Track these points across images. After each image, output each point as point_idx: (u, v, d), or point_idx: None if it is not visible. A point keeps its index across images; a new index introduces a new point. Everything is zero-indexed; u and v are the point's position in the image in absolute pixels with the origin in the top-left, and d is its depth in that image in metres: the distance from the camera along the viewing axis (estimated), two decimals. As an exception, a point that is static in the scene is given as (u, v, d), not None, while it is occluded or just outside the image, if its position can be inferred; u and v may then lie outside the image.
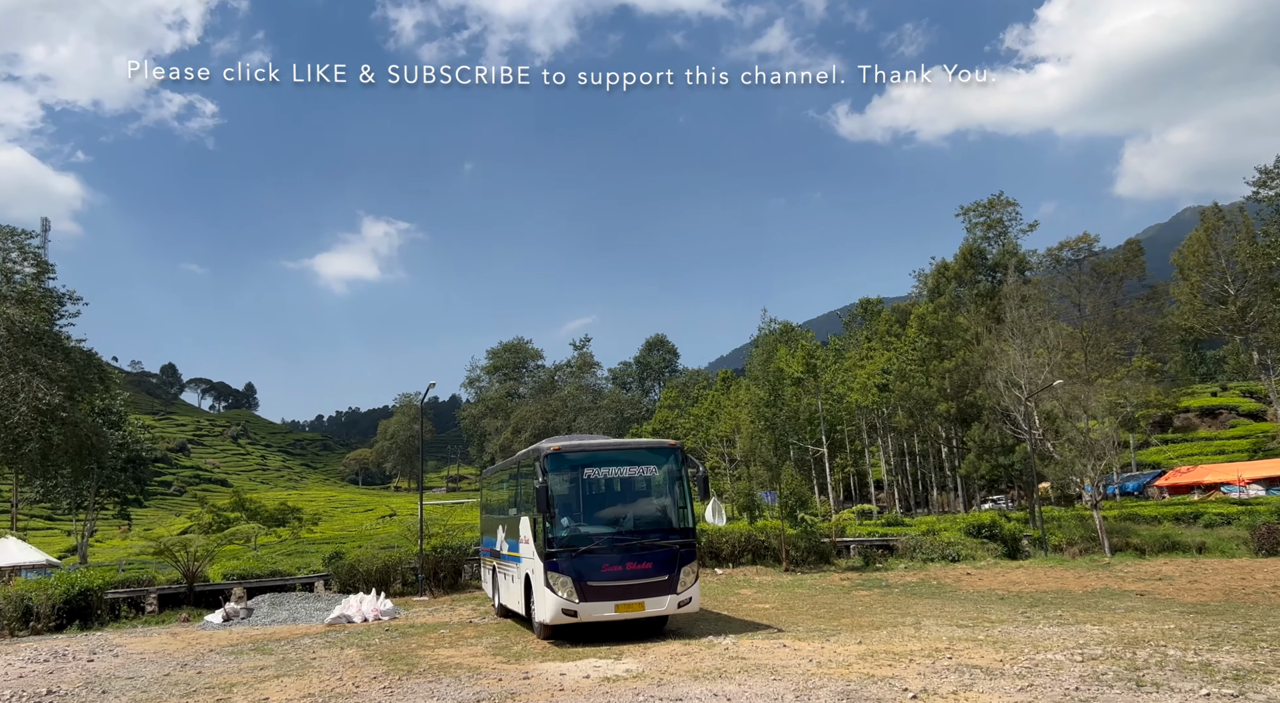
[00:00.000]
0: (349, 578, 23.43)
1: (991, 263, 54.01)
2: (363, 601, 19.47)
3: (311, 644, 15.37)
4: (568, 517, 13.79)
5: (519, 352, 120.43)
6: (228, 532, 26.17)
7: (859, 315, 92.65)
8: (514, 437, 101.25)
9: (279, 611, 19.86)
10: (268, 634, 17.30)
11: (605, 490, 14.39)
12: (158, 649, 15.74)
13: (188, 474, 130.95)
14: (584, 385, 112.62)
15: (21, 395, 39.17)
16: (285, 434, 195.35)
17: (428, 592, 23.55)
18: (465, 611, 19.98)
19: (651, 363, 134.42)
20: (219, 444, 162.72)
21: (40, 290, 43.09)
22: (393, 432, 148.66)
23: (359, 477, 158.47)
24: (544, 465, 13.77)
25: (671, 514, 14.29)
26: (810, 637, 13.33)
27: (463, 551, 24.90)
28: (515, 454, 17.24)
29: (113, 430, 59.31)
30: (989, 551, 27.62)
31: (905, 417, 49.76)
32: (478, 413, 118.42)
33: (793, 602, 18.78)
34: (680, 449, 14.56)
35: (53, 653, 15.63)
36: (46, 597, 19.22)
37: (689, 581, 13.84)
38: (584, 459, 14.09)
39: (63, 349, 43.05)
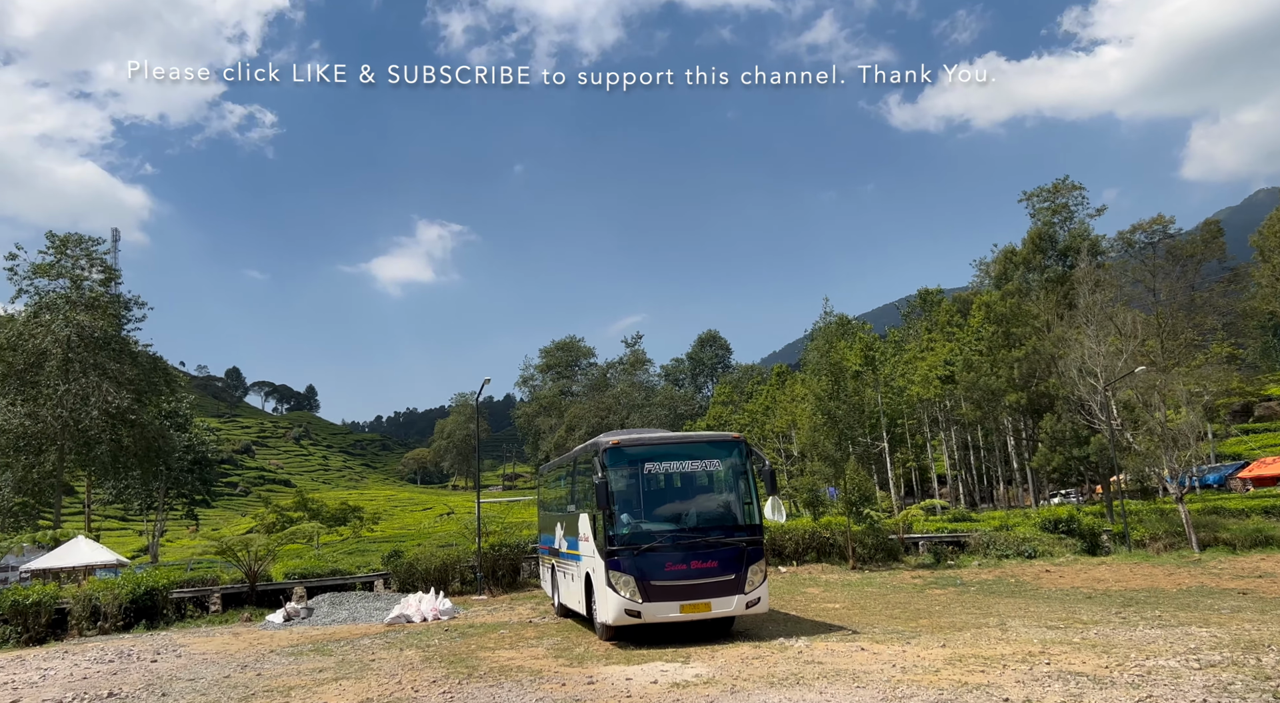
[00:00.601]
0: (408, 577, 23.28)
1: (1062, 247, 51.89)
2: (421, 600, 19.23)
3: (371, 645, 15.11)
4: (628, 513, 13.23)
5: (571, 350, 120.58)
6: (287, 531, 26.27)
7: (917, 307, 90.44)
8: (568, 435, 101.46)
9: (339, 610, 19.74)
10: (328, 634, 17.13)
11: (667, 486, 13.80)
12: (219, 650, 15.66)
13: (253, 475, 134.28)
14: (636, 383, 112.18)
15: (93, 399, 40.24)
16: (345, 435, 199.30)
17: (486, 590, 23.27)
18: (524, 610, 19.61)
19: (704, 359, 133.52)
20: (282, 445, 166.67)
21: (108, 296, 44.22)
22: (449, 431, 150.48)
23: (417, 476, 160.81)
24: (603, 460, 13.23)
25: (737, 511, 13.62)
26: (889, 639, 12.54)
27: (520, 548, 24.58)
28: (572, 450, 16.76)
29: (179, 433, 60.89)
30: (1067, 546, 26.30)
31: (972, 409, 48.10)
32: (532, 411, 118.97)
33: (863, 601, 17.95)
34: (745, 443, 13.88)
35: (118, 653, 15.66)
36: (114, 597, 19.40)
37: (757, 580, 13.17)
38: (644, 453, 13.50)
39: (130, 353, 44.15)
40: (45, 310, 41.91)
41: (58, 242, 43.02)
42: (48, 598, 19.04)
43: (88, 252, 43.75)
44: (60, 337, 40.08)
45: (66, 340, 40.25)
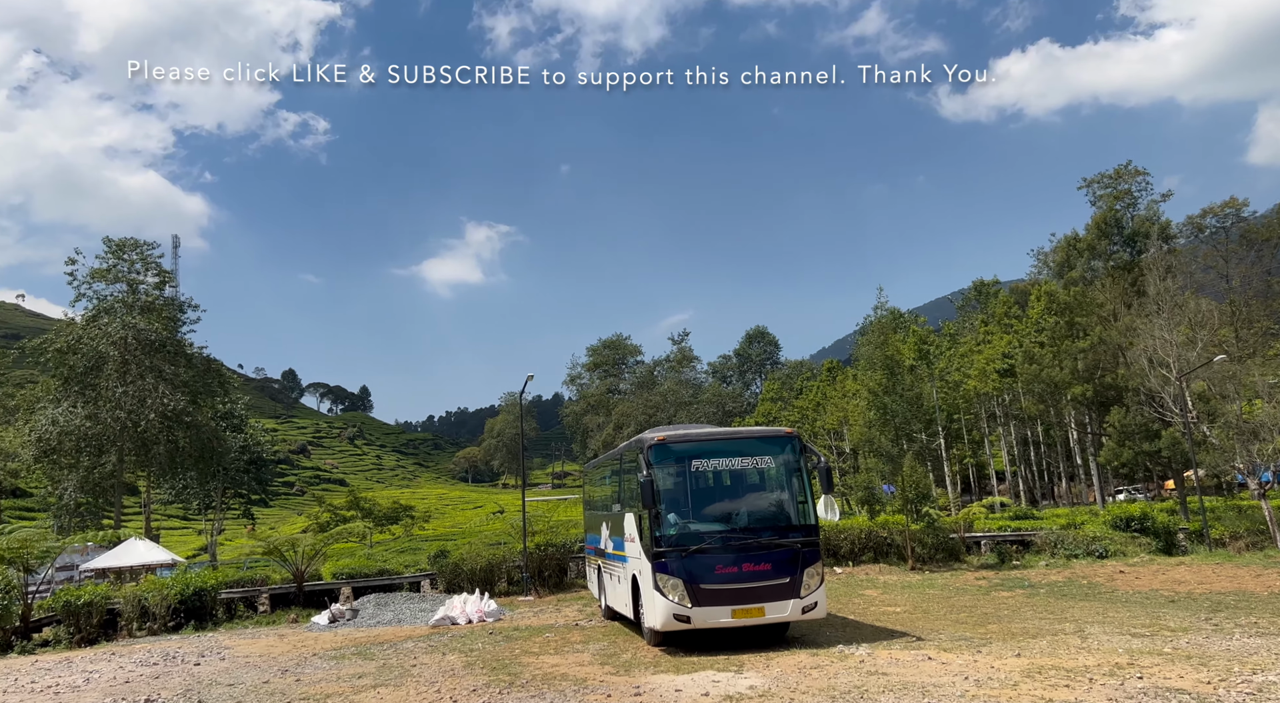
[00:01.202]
0: (453, 577, 22.97)
1: (1129, 232, 49.67)
2: (466, 601, 18.84)
3: (413, 649, 14.72)
4: (675, 513, 12.59)
5: (618, 348, 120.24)
6: (333, 531, 26.16)
7: (973, 299, 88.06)
8: (616, 433, 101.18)
9: (384, 612, 19.47)
10: (372, 637, 16.83)
11: (716, 484, 13.12)
12: (263, 653, 15.44)
13: (308, 475, 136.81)
14: (683, 380, 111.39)
15: (149, 401, 40.92)
16: (398, 435, 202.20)
17: (533, 591, 22.84)
18: (571, 612, 19.10)
19: (752, 355, 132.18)
20: (337, 445, 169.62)
21: (162, 299, 45.01)
22: (499, 430, 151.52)
23: (469, 474, 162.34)
24: (648, 457, 12.61)
25: (790, 510, 12.88)
26: (957, 647, 11.69)
27: (567, 548, 24.10)
28: (617, 447, 16.17)
29: (234, 434, 61.97)
30: (1141, 546, 24.89)
31: (1034, 402, 46.30)
32: (579, 410, 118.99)
33: (926, 604, 17.04)
34: (798, 438, 13.13)
35: (164, 655, 15.54)
36: (162, 598, 19.39)
37: (813, 583, 12.41)
38: (692, 450, 12.84)
39: (185, 356, 44.86)
40: (103, 314, 42.78)
41: (114, 246, 43.89)
42: (99, 598, 19.10)
43: (143, 256, 44.54)
44: (117, 339, 40.85)
45: (123, 343, 41.01)
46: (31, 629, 19.39)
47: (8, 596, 18.24)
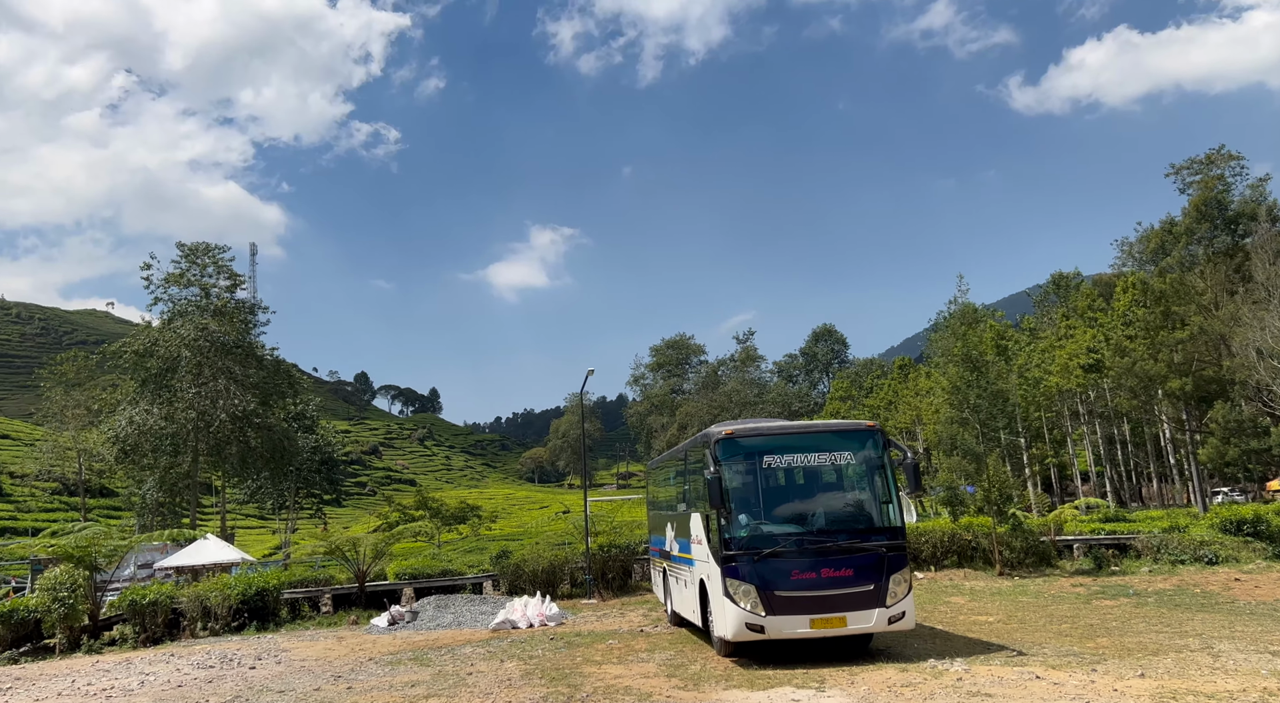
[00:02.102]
0: (515, 578, 22.35)
1: (1231, 214, 46.45)
2: (527, 604, 18.16)
3: (471, 655, 14.06)
4: (746, 513, 11.61)
5: (682, 348, 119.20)
6: (395, 531, 25.82)
7: (1051, 292, 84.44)
8: (680, 433, 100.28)
9: (444, 614, 18.93)
10: (430, 640, 16.26)
11: (791, 482, 12.08)
12: (319, 656, 14.98)
13: (380, 476, 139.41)
14: (748, 380, 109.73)
15: (220, 402, 41.65)
16: (467, 436, 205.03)
17: (596, 594, 22.07)
18: (635, 617, 18.24)
19: (818, 354, 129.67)
20: (407, 446, 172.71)
21: (233, 302, 45.82)
22: (564, 430, 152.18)
23: (535, 475, 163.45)
24: (715, 453, 11.66)
25: (874, 510, 11.77)
26: (1067, 664, 10.42)
27: (631, 550, 23.26)
28: (682, 443, 15.25)
29: (306, 434, 63.05)
30: (1255, 551, 22.81)
31: (1126, 398, 43.61)
32: (644, 410, 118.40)
33: (1021, 614, 15.64)
34: (881, 432, 12.01)
35: (221, 658, 15.22)
36: (224, 598, 19.22)
37: (900, 591, 11.29)
38: (763, 445, 11.83)
39: (256, 357, 45.60)
40: (178, 317, 43.76)
41: (187, 250, 44.86)
42: (164, 598, 19.03)
43: (215, 259, 45.40)
44: (190, 342, 41.70)
45: (196, 345, 41.85)
46: (101, 628, 19.45)
47: (73, 594, 18.27)
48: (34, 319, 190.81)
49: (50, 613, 17.86)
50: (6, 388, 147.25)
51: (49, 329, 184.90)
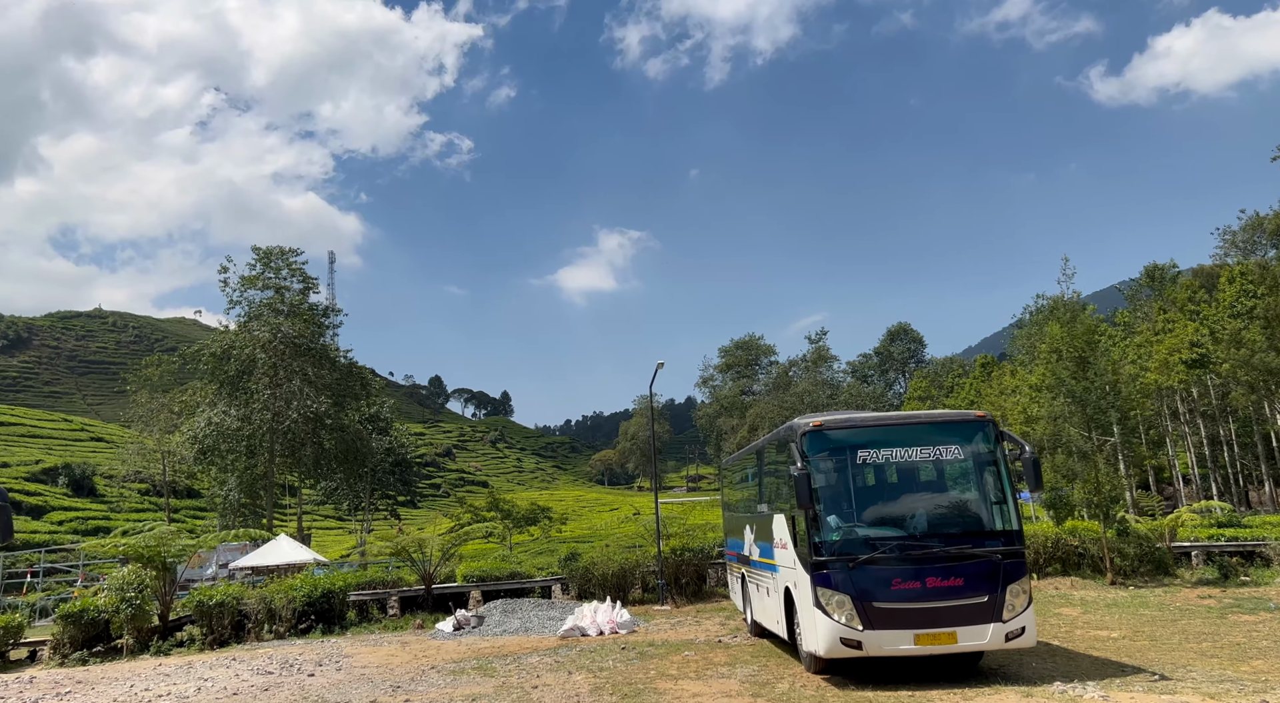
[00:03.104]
0: (584, 583, 21.44)
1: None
2: (597, 610, 17.21)
3: (537, 665, 13.14)
4: (838, 515, 10.38)
5: (751, 348, 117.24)
6: (462, 531, 25.20)
7: (1145, 286, 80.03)
8: (750, 435, 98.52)
9: (511, 619, 18.12)
10: (496, 648, 15.43)
11: (889, 479, 10.79)
12: (381, 663, 14.28)
13: (453, 477, 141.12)
14: (820, 380, 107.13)
15: (295, 403, 42.09)
16: (537, 438, 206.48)
17: (669, 600, 20.98)
18: (712, 625, 17.08)
19: (894, 353, 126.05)
20: (480, 449, 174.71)
21: (306, 305, 46.36)
22: (633, 433, 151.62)
23: (604, 477, 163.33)
24: (802, 447, 10.46)
25: (986, 512, 10.40)
26: (1225, 693, 8.88)
27: (705, 553, 22.09)
28: (761, 438, 14.06)
29: (380, 436, 63.73)
30: (1406, 562, 20.35)
31: (1244, 392, 40.33)
32: (713, 412, 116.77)
33: (1149, 629, 13.93)
34: (993, 423, 10.63)
35: (282, 663, 14.67)
36: (288, 600, 18.81)
37: (1018, 604, 9.89)
38: (857, 438, 10.58)
39: (329, 359, 46.07)
40: (253, 320, 44.49)
41: (262, 254, 45.63)
42: (230, 599, 18.72)
43: (288, 262, 46.08)
44: (265, 343, 42.29)
45: (271, 347, 42.42)
46: (172, 628, 19.26)
47: (141, 595, 18.07)
48: (129, 328, 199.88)
49: (118, 614, 17.67)
50: (104, 394, 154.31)
51: (142, 337, 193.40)
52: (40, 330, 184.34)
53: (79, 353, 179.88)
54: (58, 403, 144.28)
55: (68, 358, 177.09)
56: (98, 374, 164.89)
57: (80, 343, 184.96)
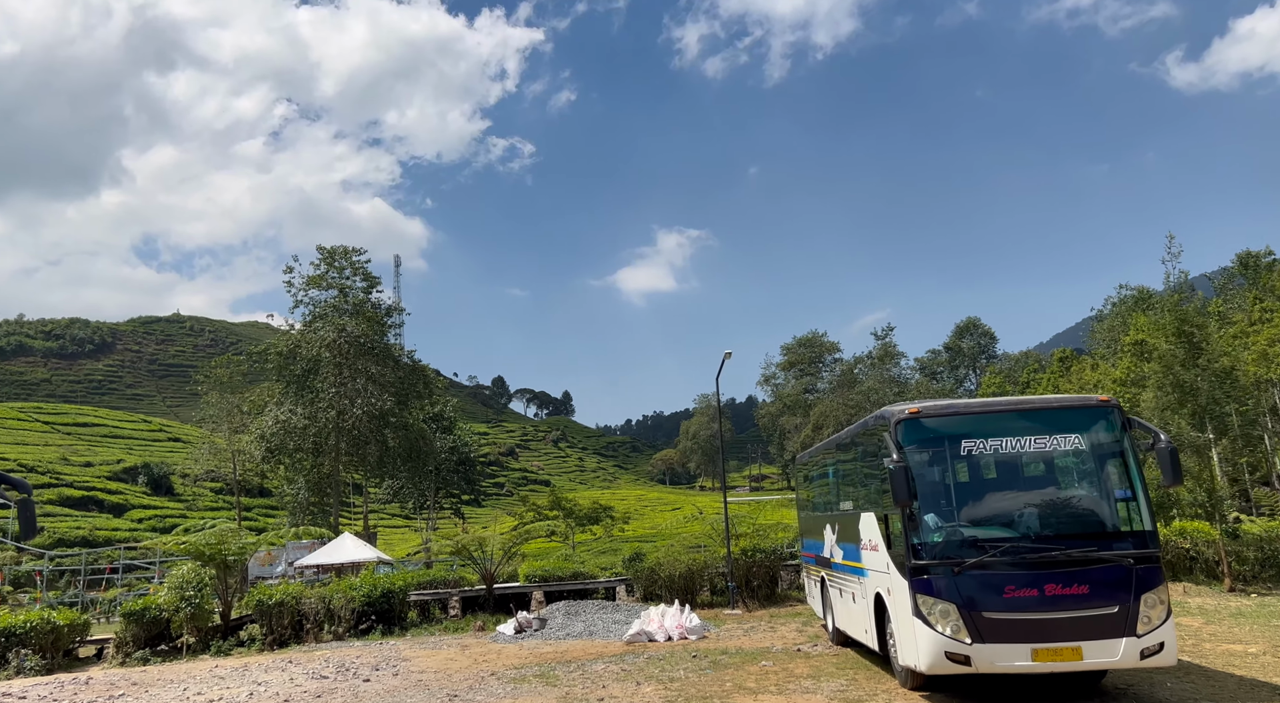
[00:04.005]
0: (650, 584, 20.50)
1: None
2: (665, 614, 16.24)
3: (603, 673, 12.24)
4: (939, 513, 9.21)
5: (814, 345, 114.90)
6: (523, 530, 24.49)
7: (1237, 275, 75.67)
8: (814, 434, 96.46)
9: (574, 622, 17.29)
10: (558, 653, 14.60)
11: (999, 473, 9.55)
12: (439, 668, 13.57)
13: (516, 477, 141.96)
14: (887, 377, 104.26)
15: (359, 401, 42.19)
16: (599, 438, 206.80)
17: (740, 604, 19.90)
18: (788, 632, 15.96)
19: (964, 349, 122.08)
20: (542, 448, 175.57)
21: (369, 304, 46.50)
22: (694, 432, 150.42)
23: (665, 476, 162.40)
24: (897, 438, 9.32)
25: (1113, 509, 9.11)
26: None
27: (777, 554, 20.95)
28: (844, 430, 12.89)
29: (444, 435, 63.93)
30: None
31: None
32: (775, 411, 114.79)
33: (1289, 645, 12.32)
34: (1119, 408, 9.32)
35: (338, 666, 14.08)
36: (347, 600, 18.31)
37: (1155, 616, 8.58)
38: (961, 426, 9.40)
39: (392, 358, 46.15)
40: (318, 320, 44.79)
41: (326, 253, 45.91)
42: (289, 599, 18.32)
43: (352, 262, 46.28)
44: (330, 342, 42.51)
45: (335, 346, 42.63)
46: (234, 627, 18.98)
47: (200, 593, 17.77)
48: (205, 332, 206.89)
49: (178, 613, 17.40)
50: (182, 396, 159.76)
51: (218, 341, 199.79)
52: (123, 335, 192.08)
53: (159, 356, 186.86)
54: (139, 405, 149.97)
55: (149, 362, 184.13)
56: (176, 377, 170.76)
57: (160, 347, 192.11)
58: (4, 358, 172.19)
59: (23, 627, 16.62)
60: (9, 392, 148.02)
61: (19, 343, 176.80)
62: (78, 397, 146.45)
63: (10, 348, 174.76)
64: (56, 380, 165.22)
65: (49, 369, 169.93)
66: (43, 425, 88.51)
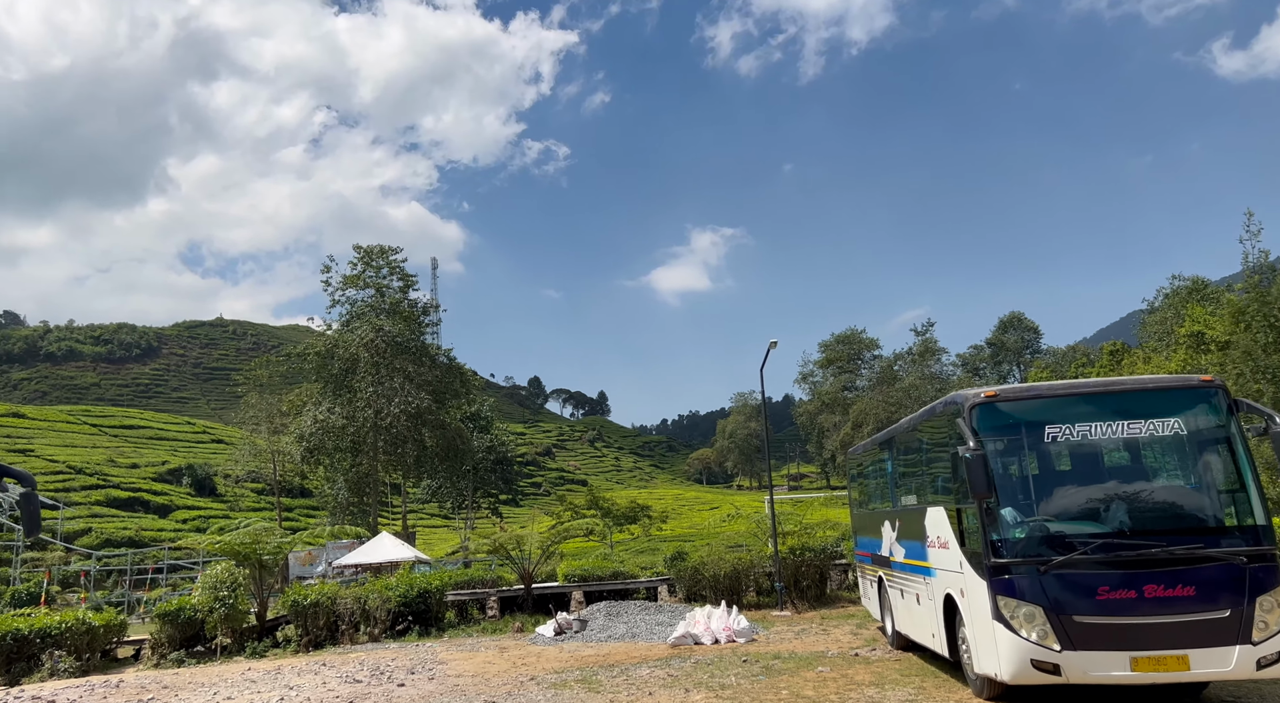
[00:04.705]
0: (693, 584, 19.77)
1: None
2: (711, 616, 15.48)
3: (648, 679, 11.53)
4: (1020, 507, 8.35)
5: (853, 342, 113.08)
6: (561, 528, 23.87)
7: (1296, 259, 72.81)
8: (854, 431, 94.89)
9: (615, 623, 16.61)
10: (600, 656, 13.92)
11: (1087, 463, 8.65)
12: (476, 672, 12.97)
13: (554, 476, 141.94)
14: (928, 374, 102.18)
15: (395, 400, 42.02)
16: (635, 437, 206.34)
17: (788, 605, 19.07)
18: (842, 635, 15.12)
19: (1007, 344, 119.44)
20: (578, 448, 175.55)
21: (406, 303, 46.36)
22: (731, 431, 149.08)
23: (702, 476, 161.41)
24: (972, 424, 8.47)
25: (1219, 502, 8.19)
26: None
27: (828, 553, 20.07)
28: (905, 419, 12.04)
29: (481, 434, 63.77)
30: None
31: None
32: (813, 409, 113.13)
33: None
34: (1224, 390, 8.39)
35: (373, 669, 13.55)
36: (382, 601, 17.83)
37: (1272, 621, 7.64)
38: (1043, 411, 8.52)
39: (429, 357, 45.95)
40: (355, 319, 44.75)
41: (363, 253, 45.87)
42: (324, 599, 17.90)
43: (389, 261, 46.19)
44: (367, 341, 42.41)
45: (373, 345, 42.52)
46: (270, 628, 18.63)
47: (234, 594, 17.40)
48: (247, 335, 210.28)
49: (211, 614, 17.04)
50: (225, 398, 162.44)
51: (260, 344, 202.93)
52: (169, 339, 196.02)
53: (203, 360, 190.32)
54: (184, 408, 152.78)
55: (193, 365, 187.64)
56: (219, 380, 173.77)
57: (204, 351, 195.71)
58: (55, 363, 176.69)
59: (58, 628, 16.39)
60: (61, 395, 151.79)
61: (69, 348, 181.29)
62: (125, 400, 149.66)
63: (61, 353, 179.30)
64: (105, 384, 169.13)
65: (98, 373, 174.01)
66: (90, 428, 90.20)
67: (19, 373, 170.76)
